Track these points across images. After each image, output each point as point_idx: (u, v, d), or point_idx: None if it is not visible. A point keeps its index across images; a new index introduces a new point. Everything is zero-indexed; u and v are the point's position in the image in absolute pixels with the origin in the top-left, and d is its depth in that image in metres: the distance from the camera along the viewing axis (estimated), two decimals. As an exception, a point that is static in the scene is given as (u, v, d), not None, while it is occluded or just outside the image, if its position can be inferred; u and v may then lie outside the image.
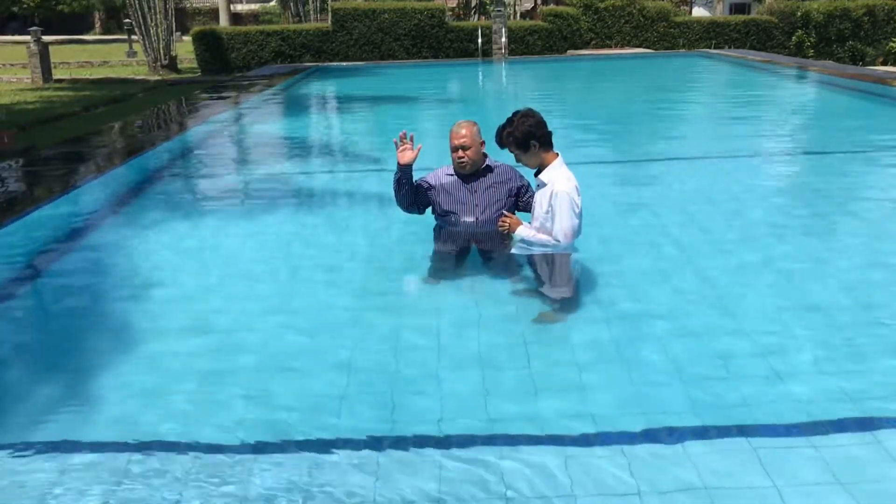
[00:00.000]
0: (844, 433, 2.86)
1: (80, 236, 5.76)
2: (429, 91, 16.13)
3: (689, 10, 30.90)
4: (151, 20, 21.68)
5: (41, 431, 3.00)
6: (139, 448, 2.82)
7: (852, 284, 4.34)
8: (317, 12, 26.18)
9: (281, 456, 2.77)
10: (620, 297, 4.18)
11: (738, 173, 7.39)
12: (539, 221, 4.31)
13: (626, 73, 18.90)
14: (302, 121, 12.59)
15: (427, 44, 22.44)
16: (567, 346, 3.64)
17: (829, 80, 14.50)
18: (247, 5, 44.92)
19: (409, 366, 3.47)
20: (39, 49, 19.14)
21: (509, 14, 26.31)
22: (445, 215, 4.66)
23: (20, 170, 7.98)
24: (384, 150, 8.44)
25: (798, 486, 2.51)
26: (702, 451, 2.71)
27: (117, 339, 3.86)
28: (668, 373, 3.33)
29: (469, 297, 4.23)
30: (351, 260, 4.99)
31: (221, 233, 5.79)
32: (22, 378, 3.58)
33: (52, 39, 29.86)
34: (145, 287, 4.58)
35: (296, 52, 22.25)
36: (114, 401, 3.24)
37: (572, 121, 10.85)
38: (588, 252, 4.57)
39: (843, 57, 23.35)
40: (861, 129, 9.86)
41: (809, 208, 6.18)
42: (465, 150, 4.42)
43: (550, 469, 2.62)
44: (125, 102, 15.51)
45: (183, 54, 24.61)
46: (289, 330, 3.93)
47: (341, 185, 7.39)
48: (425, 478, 2.59)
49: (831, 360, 3.42)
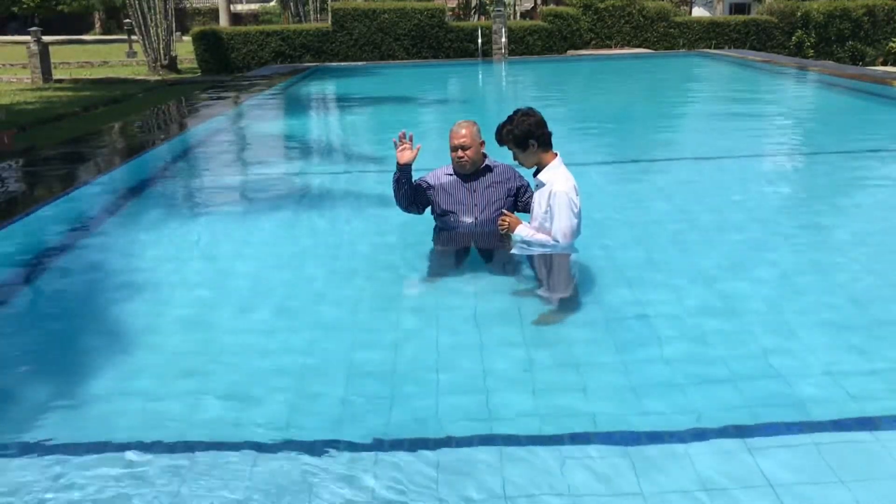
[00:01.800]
0: (845, 432, 2.86)
1: (79, 236, 5.75)
2: (429, 91, 16.14)
3: (689, 10, 30.95)
4: (151, 20, 21.70)
5: (40, 431, 3.00)
6: (139, 448, 2.82)
7: (852, 283, 4.34)
8: (317, 12, 26.18)
9: (280, 456, 2.76)
10: (620, 297, 4.17)
11: (738, 173, 7.40)
12: (538, 221, 4.31)
13: (626, 73, 18.90)
14: (302, 121, 12.59)
15: (427, 44, 22.46)
16: (567, 345, 3.64)
17: (829, 80, 14.51)
18: (247, 5, 44.95)
19: (408, 365, 3.47)
20: (39, 49, 19.17)
21: (509, 14, 26.31)
22: (445, 215, 4.66)
23: (20, 170, 7.98)
24: (384, 150, 8.44)
25: (798, 485, 2.51)
26: (702, 451, 2.71)
27: (117, 338, 3.86)
28: (668, 373, 3.33)
29: (469, 297, 4.23)
30: (350, 259, 4.98)
31: (221, 233, 5.79)
32: (21, 378, 3.57)
33: (52, 39, 29.89)
34: (145, 287, 4.57)
35: (296, 52, 22.27)
36: (113, 401, 3.24)
37: (572, 121, 10.86)
38: (587, 252, 4.57)
39: (843, 57, 23.37)
40: (861, 129, 9.86)
41: (809, 208, 6.19)
42: (464, 149, 4.43)
43: (550, 469, 2.62)
44: (125, 102, 15.53)
45: (183, 54, 24.63)
46: (288, 330, 3.93)
47: (341, 185, 7.39)
48: (425, 478, 2.59)
49: (832, 360, 3.41)
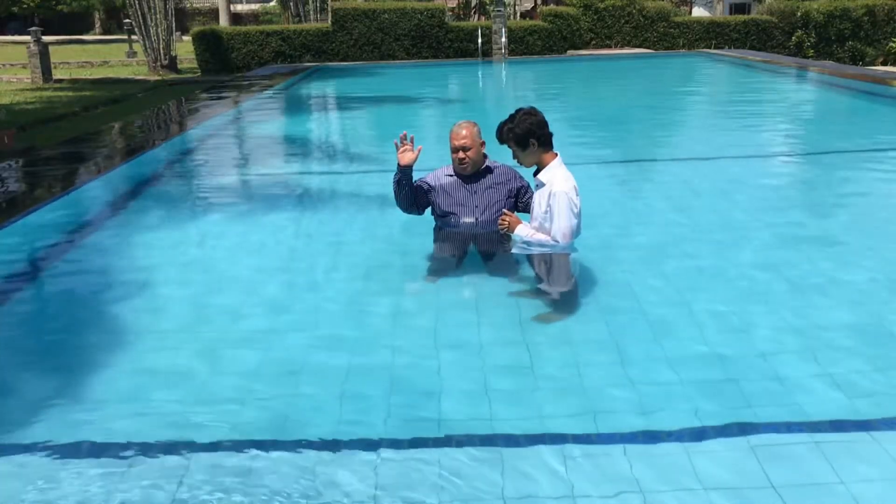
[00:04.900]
0: (845, 433, 2.86)
1: (79, 236, 5.76)
2: (429, 91, 16.13)
3: (689, 10, 30.95)
4: (151, 20, 21.69)
5: (38, 431, 2.99)
6: (138, 448, 2.82)
7: (853, 283, 4.34)
8: (317, 12, 26.17)
9: (280, 456, 2.77)
10: (620, 297, 4.17)
11: (738, 173, 7.40)
12: (538, 221, 4.31)
13: (626, 73, 18.90)
14: (302, 121, 12.59)
15: (427, 44, 22.45)
16: (567, 345, 3.64)
17: (829, 80, 14.51)
18: (247, 5, 44.94)
19: (408, 365, 3.47)
20: (39, 49, 19.16)
21: (509, 14, 26.32)
22: (445, 216, 4.65)
23: (20, 170, 7.98)
24: (384, 151, 8.45)
25: (798, 485, 2.51)
26: (702, 451, 2.71)
27: (117, 338, 3.86)
28: (668, 372, 3.33)
29: (469, 297, 4.23)
30: (350, 260, 4.98)
31: (221, 232, 5.80)
32: (21, 378, 3.58)
33: (52, 39, 29.89)
34: (144, 287, 4.58)
35: (296, 52, 22.26)
36: (113, 401, 3.24)
37: (572, 121, 10.86)
38: (587, 252, 4.57)
39: (843, 57, 23.36)
40: (860, 128, 9.86)
41: (809, 208, 6.19)
42: (465, 151, 4.42)
43: (550, 469, 2.62)
44: (125, 102, 15.52)
45: (183, 54, 24.62)
46: (288, 330, 3.93)
47: (341, 186, 7.39)
48: (425, 477, 2.59)
49: (833, 360, 3.41)
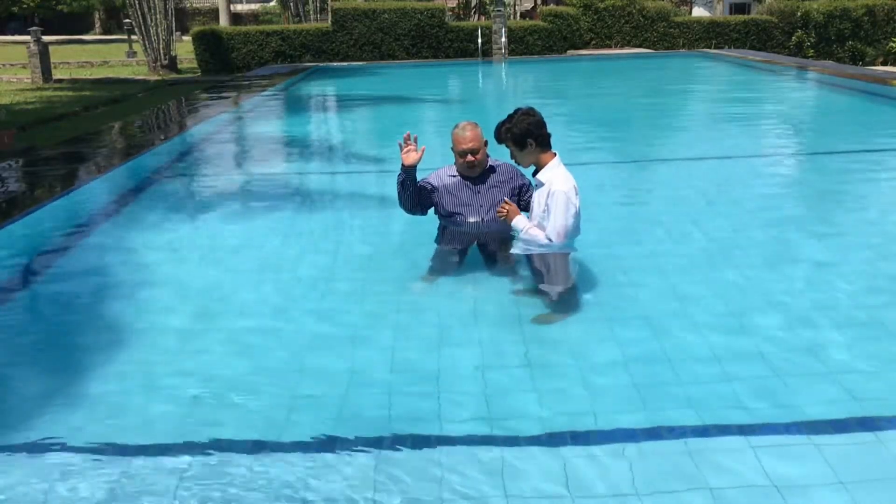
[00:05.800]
0: (845, 433, 2.86)
1: (79, 236, 5.75)
2: (429, 91, 16.13)
3: (689, 10, 30.95)
4: (151, 20, 21.69)
5: (38, 431, 2.99)
6: (138, 448, 2.82)
7: (853, 283, 4.34)
8: (317, 12, 26.16)
9: (280, 456, 2.77)
10: (621, 296, 4.18)
11: (738, 173, 7.40)
12: (536, 220, 4.30)
13: (626, 73, 18.89)
14: (302, 121, 12.59)
15: (427, 44, 22.45)
16: (567, 345, 3.64)
17: (829, 80, 14.50)
18: (247, 5, 44.94)
19: (408, 365, 3.47)
20: (39, 49, 19.16)
21: (509, 14, 26.32)
22: (450, 216, 4.62)
23: (20, 170, 7.98)
24: (384, 150, 8.45)
25: (798, 485, 2.51)
26: (703, 450, 2.71)
27: (117, 338, 3.86)
28: (669, 372, 3.33)
29: (469, 296, 4.23)
30: (351, 259, 4.98)
31: (221, 232, 5.79)
32: (20, 378, 3.57)
33: (52, 39, 29.88)
34: (144, 287, 4.58)
35: (296, 52, 22.26)
36: (113, 400, 3.24)
37: (572, 121, 10.86)
38: (588, 252, 4.57)
39: (843, 57, 23.36)
40: (860, 128, 9.86)
41: (809, 207, 6.19)
42: (474, 154, 4.39)
43: (551, 469, 2.62)
44: (125, 102, 15.52)
45: (183, 54, 24.63)
46: (288, 330, 3.93)
47: (342, 186, 7.39)
48: (425, 477, 2.59)
49: (833, 360, 3.42)
